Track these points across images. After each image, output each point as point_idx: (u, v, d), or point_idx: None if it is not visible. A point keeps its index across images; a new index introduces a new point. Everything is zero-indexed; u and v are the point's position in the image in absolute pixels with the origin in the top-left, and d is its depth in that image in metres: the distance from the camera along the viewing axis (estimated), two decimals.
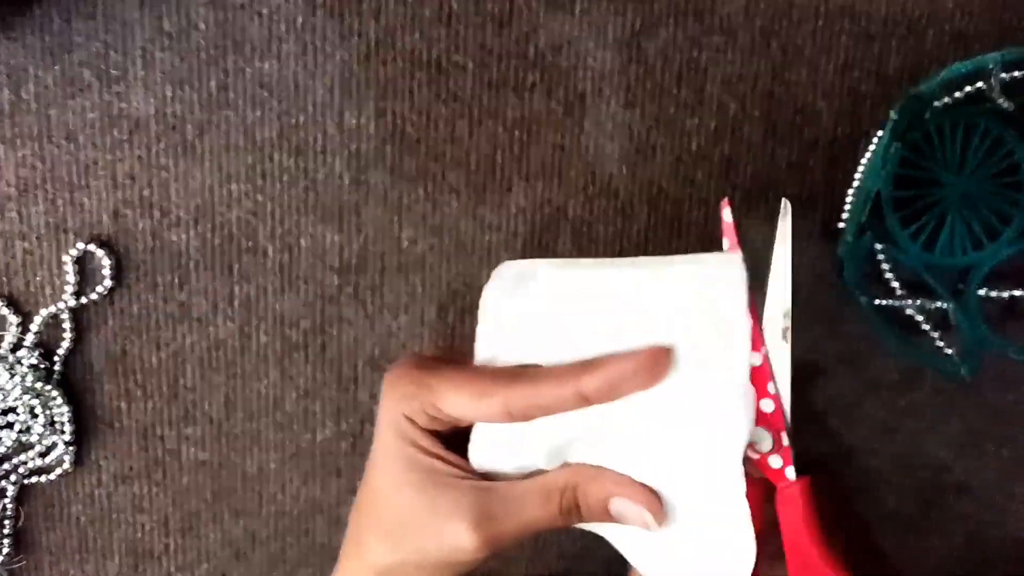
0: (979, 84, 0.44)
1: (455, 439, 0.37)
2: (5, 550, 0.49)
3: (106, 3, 0.44)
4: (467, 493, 0.35)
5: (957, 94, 0.44)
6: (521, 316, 0.36)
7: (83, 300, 0.47)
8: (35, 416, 0.48)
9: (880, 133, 0.44)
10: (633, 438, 0.35)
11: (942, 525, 0.51)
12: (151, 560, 0.51)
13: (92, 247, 0.46)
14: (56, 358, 0.48)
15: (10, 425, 0.48)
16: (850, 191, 0.46)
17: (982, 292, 0.46)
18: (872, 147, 0.45)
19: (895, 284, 0.47)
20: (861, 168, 0.45)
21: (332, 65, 0.45)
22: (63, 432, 0.48)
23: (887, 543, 0.51)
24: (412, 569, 0.36)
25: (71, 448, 0.48)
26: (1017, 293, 0.46)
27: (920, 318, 0.47)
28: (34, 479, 0.49)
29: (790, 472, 0.35)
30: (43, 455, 0.49)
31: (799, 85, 0.45)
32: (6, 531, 0.49)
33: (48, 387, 0.48)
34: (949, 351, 0.47)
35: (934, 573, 0.52)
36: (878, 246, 0.46)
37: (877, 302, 0.47)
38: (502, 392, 0.34)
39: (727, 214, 0.36)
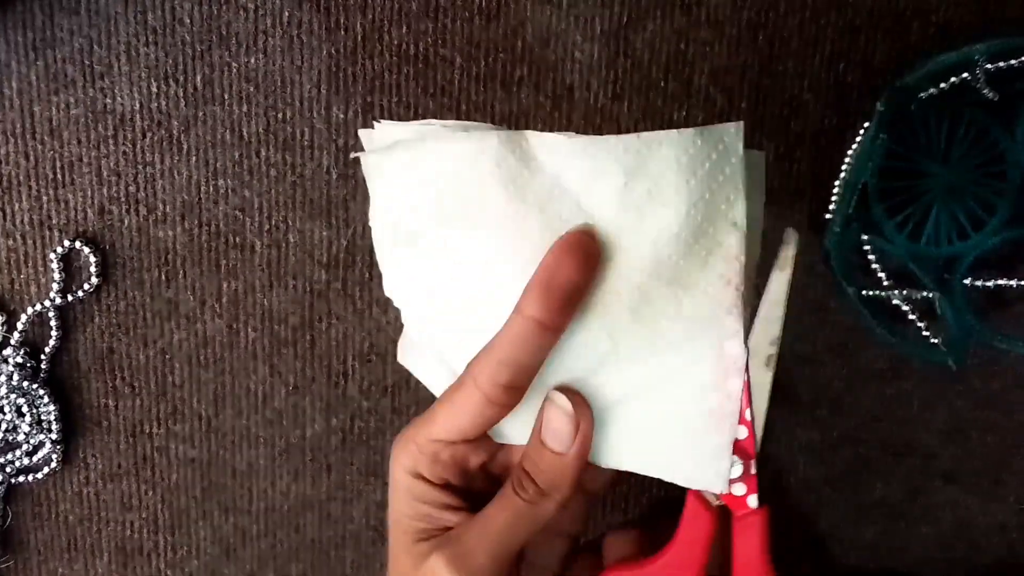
0: (964, 75, 0.44)
1: (480, 491, 0.35)
2: None
3: None
4: (446, 538, 0.33)
5: (943, 85, 0.45)
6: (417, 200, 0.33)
7: (69, 298, 0.47)
8: (22, 415, 0.47)
9: (867, 125, 0.45)
10: (612, 347, 0.33)
11: (930, 512, 0.51)
12: (140, 558, 0.51)
13: (78, 244, 0.46)
14: (42, 356, 0.47)
15: None
16: (837, 182, 0.46)
17: (968, 281, 0.46)
18: (859, 139, 0.45)
19: (882, 274, 0.47)
20: (848, 160, 0.46)
21: (319, 59, 0.45)
22: (50, 431, 0.48)
23: (875, 530, 0.52)
24: None
25: (58, 447, 0.48)
26: (1002, 282, 0.47)
27: (907, 308, 0.47)
28: (21, 478, 0.48)
29: (752, 500, 0.34)
30: (30, 454, 0.48)
31: (786, 77, 0.45)
32: None
33: (35, 386, 0.47)
34: (936, 340, 0.47)
35: (922, 560, 0.52)
36: (865, 237, 0.46)
37: (864, 292, 0.47)
38: (470, 374, 0.32)
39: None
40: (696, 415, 0.33)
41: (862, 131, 0.45)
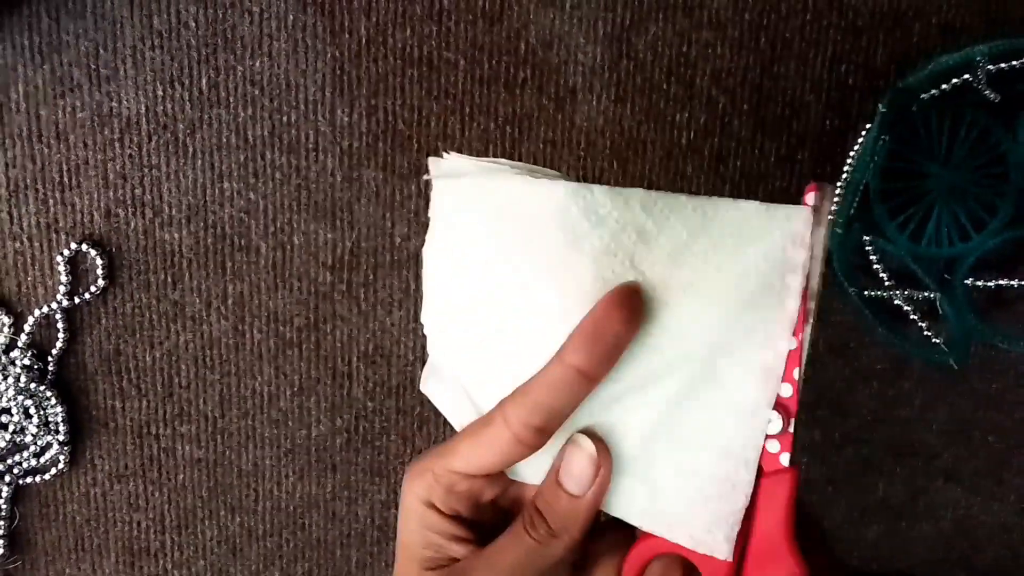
0: (966, 76, 0.44)
1: (490, 525, 0.35)
2: (1, 551, 0.49)
3: (96, 2, 0.44)
4: (453, 570, 0.33)
5: (944, 86, 0.45)
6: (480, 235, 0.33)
7: (76, 300, 0.47)
8: (29, 417, 0.48)
9: (868, 126, 0.45)
10: (642, 396, 0.33)
11: (931, 511, 0.52)
12: (147, 558, 0.51)
13: (84, 247, 0.46)
14: (50, 358, 0.48)
15: (4, 426, 0.48)
16: (839, 183, 0.46)
17: (969, 282, 0.47)
18: (860, 140, 0.45)
19: (883, 275, 0.47)
20: (850, 161, 0.46)
21: (323, 62, 0.45)
22: (58, 432, 0.48)
23: (877, 530, 0.52)
24: None
25: (66, 448, 0.48)
26: (1003, 282, 0.47)
27: (908, 308, 0.47)
28: (29, 479, 0.49)
29: (784, 458, 0.35)
30: (38, 456, 0.49)
31: (788, 79, 0.46)
32: (2, 531, 0.49)
33: (42, 388, 0.48)
34: (937, 340, 0.47)
35: (924, 559, 0.52)
36: (867, 237, 0.47)
37: (866, 293, 0.47)
38: (501, 413, 0.32)
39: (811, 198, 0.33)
40: (712, 480, 0.33)
41: (864, 132, 0.45)
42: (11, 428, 0.48)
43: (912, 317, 0.48)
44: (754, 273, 0.32)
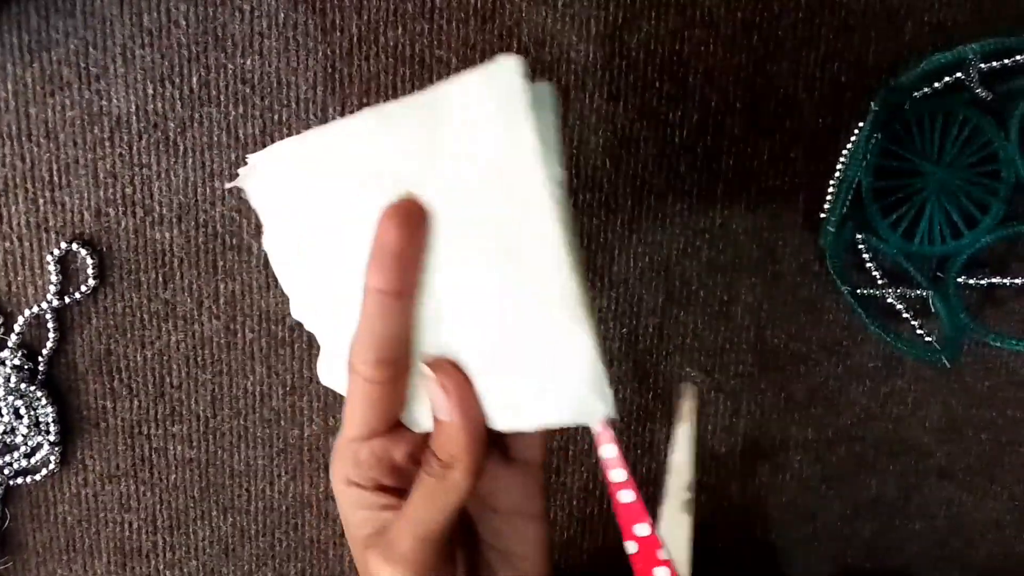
0: (958, 75, 0.44)
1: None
2: None
3: (86, 0, 0.44)
4: (377, 534, 0.34)
5: (936, 84, 0.45)
6: (291, 201, 0.34)
7: (66, 300, 0.47)
8: (20, 417, 0.48)
9: (861, 124, 0.45)
10: (459, 299, 0.33)
11: (924, 509, 0.52)
12: (139, 558, 0.51)
13: (75, 246, 0.46)
14: (40, 358, 0.47)
15: None
16: (832, 182, 0.46)
17: (961, 280, 0.47)
18: (853, 138, 0.45)
19: (876, 273, 0.47)
20: (842, 159, 0.46)
21: (314, 61, 0.45)
22: (48, 433, 0.48)
23: (870, 527, 0.52)
24: None
25: (56, 448, 0.48)
26: (996, 280, 0.47)
27: (901, 306, 0.48)
28: (20, 480, 0.49)
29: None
30: (28, 456, 0.48)
31: (781, 77, 0.46)
32: None
33: (32, 388, 0.47)
34: (929, 338, 0.48)
35: (917, 557, 0.53)
36: (859, 236, 0.47)
37: (859, 291, 0.47)
38: (349, 364, 0.33)
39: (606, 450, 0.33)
40: (555, 349, 0.32)
41: (856, 130, 0.45)
42: (1, 428, 0.47)
43: (905, 315, 0.48)
44: (492, 144, 0.31)
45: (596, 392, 0.32)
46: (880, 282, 0.47)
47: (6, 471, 0.48)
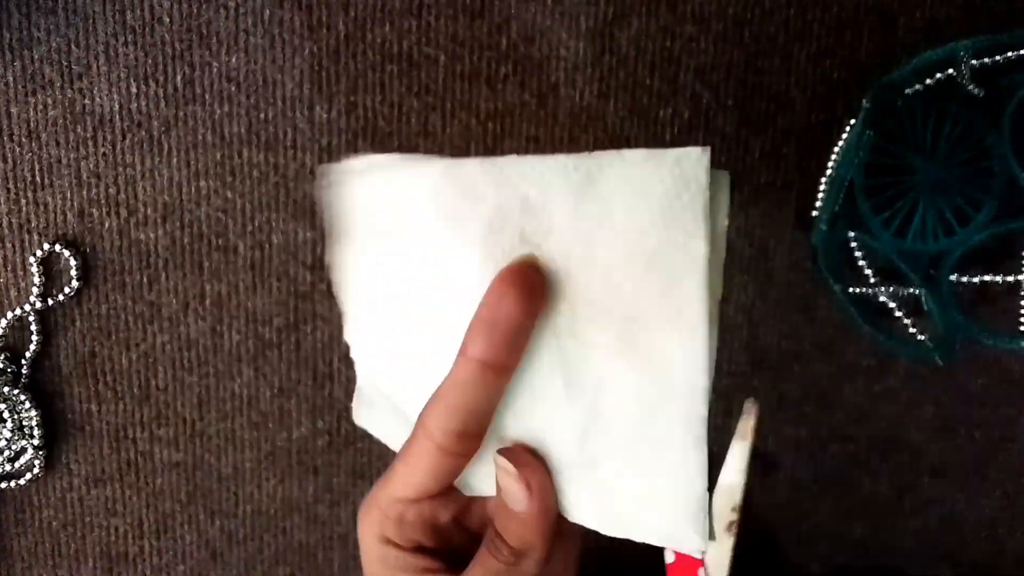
0: (950, 71, 0.44)
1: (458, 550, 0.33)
2: None
3: None
4: None
5: (928, 81, 0.44)
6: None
7: (50, 302, 0.46)
8: (3, 421, 0.47)
9: (853, 121, 0.45)
10: (568, 385, 0.30)
11: (917, 508, 0.52)
12: (126, 563, 0.51)
13: (58, 247, 0.45)
14: (23, 361, 0.47)
15: None
16: (823, 179, 0.46)
17: (954, 278, 0.47)
18: (845, 135, 0.45)
19: (868, 271, 0.47)
20: (834, 156, 0.46)
21: (301, 58, 0.44)
22: (32, 437, 0.47)
23: (863, 526, 0.52)
24: None
25: (41, 452, 0.48)
26: (988, 278, 0.47)
27: (893, 304, 0.47)
28: (3, 484, 0.48)
29: None
30: (12, 460, 0.48)
31: (772, 74, 0.45)
32: None
33: (16, 391, 0.47)
34: (922, 337, 0.47)
35: (910, 555, 0.52)
36: (851, 233, 0.46)
37: (851, 289, 0.47)
38: (421, 425, 0.30)
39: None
40: (661, 471, 0.30)
41: (848, 127, 0.45)
42: None
43: (897, 314, 0.47)
44: (652, 228, 0.28)
45: (694, 524, 0.30)
46: (872, 280, 0.47)
47: None
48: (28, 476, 0.48)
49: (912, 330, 0.47)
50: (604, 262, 0.29)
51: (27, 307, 0.46)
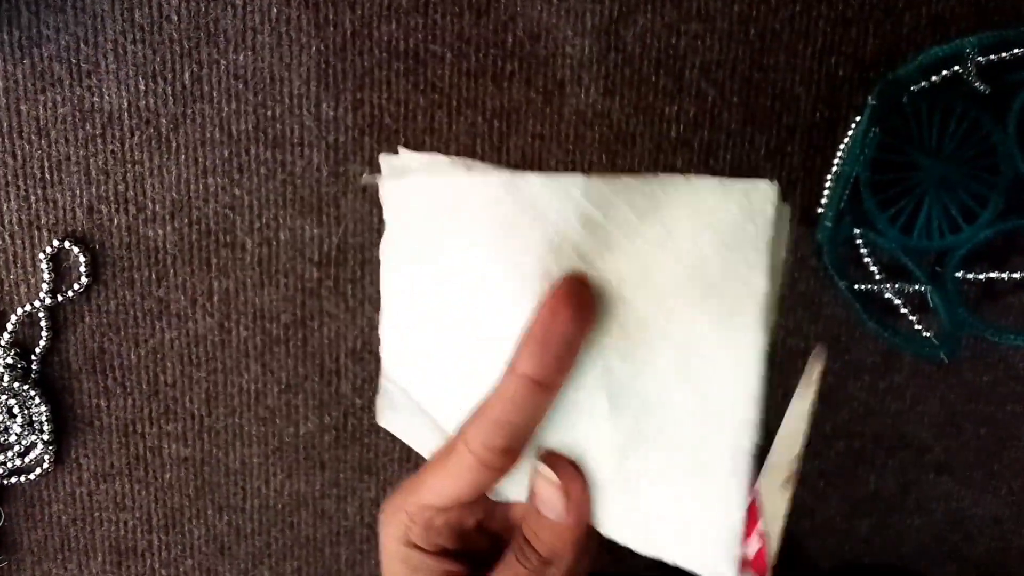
0: (956, 68, 0.44)
1: (484, 551, 0.33)
2: None
3: None
4: None
5: (934, 78, 0.44)
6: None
7: (59, 298, 0.46)
8: (13, 416, 0.47)
9: (858, 118, 0.45)
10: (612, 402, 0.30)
11: (923, 504, 0.52)
12: (135, 557, 0.51)
13: (67, 244, 0.46)
14: (33, 357, 0.47)
15: None
16: (829, 176, 0.46)
17: (960, 274, 0.47)
18: (850, 132, 0.45)
19: (874, 268, 0.47)
20: (840, 153, 0.46)
21: (308, 56, 0.44)
22: (42, 432, 0.48)
23: (868, 523, 0.52)
24: None
25: (51, 447, 0.48)
26: (994, 275, 0.47)
27: (899, 301, 0.47)
28: (14, 479, 0.48)
29: None
30: (22, 455, 0.48)
31: (777, 71, 0.45)
32: None
33: (25, 387, 0.47)
34: (928, 333, 0.47)
35: (916, 552, 0.52)
36: (857, 230, 0.46)
37: (856, 286, 0.47)
38: (462, 438, 0.30)
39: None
40: (701, 497, 0.30)
41: (854, 124, 0.45)
42: None
43: (903, 310, 0.47)
44: (714, 257, 0.28)
45: (727, 555, 0.30)
46: (878, 277, 0.47)
47: (0, 471, 0.48)
48: (38, 471, 0.48)
49: (918, 327, 0.47)
50: (661, 286, 0.29)
51: (37, 303, 0.46)
